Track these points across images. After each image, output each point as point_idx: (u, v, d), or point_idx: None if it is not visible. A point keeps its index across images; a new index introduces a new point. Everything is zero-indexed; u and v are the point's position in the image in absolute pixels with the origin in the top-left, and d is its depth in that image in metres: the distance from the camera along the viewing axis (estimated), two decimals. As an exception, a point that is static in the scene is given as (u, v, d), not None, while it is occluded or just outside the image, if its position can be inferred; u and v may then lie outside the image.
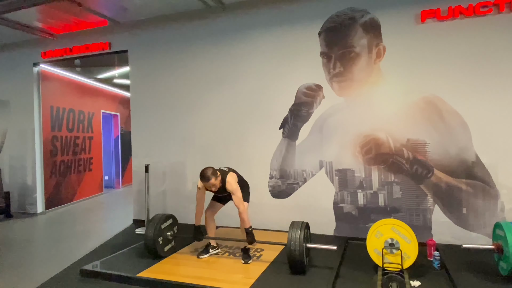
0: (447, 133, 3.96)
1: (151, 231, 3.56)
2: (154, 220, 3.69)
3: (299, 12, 4.57)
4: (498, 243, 3.01)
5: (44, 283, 3.22)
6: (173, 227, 3.88)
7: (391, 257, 3.07)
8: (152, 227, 3.59)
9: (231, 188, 3.44)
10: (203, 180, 3.39)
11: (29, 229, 5.40)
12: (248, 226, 3.45)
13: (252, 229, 3.47)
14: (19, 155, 6.44)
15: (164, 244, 3.73)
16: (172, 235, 3.82)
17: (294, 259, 3.11)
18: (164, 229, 3.72)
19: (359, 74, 4.31)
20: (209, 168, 3.40)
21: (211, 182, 3.36)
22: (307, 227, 3.40)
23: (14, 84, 6.43)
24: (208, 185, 3.40)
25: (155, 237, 3.56)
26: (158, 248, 3.60)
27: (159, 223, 3.66)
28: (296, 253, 3.09)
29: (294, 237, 3.13)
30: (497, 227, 3.09)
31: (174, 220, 3.93)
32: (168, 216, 3.85)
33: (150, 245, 3.56)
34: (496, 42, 3.82)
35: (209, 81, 5.06)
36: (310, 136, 4.54)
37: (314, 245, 3.37)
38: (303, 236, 3.16)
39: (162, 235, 3.68)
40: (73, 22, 5.51)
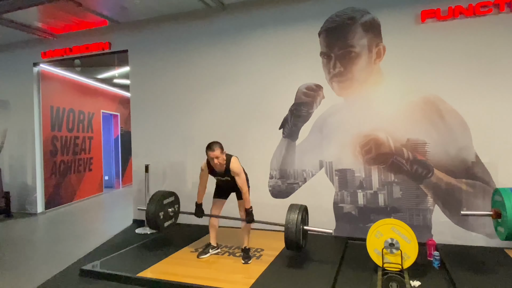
0: (447, 133, 3.96)
1: (152, 206, 3.63)
2: (156, 196, 3.73)
3: (299, 12, 4.57)
4: (496, 209, 3.06)
5: (44, 283, 3.22)
6: (174, 204, 3.94)
7: (391, 257, 3.07)
8: (153, 202, 3.67)
9: (235, 170, 3.43)
10: (208, 149, 3.36)
11: (29, 229, 5.40)
12: (249, 206, 3.52)
13: (252, 210, 3.52)
14: (19, 155, 6.45)
15: (165, 220, 3.77)
16: (173, 212, 3.86)
17: (291, 239, 3.20)
18: (166, 205, 3.79)
19: (359, 74, 4.31)
20: (216, 141, 3.42)
21: (216, 153, 3.33)
22: (305, 210, 3.47)
23: (14, 84, 6.43)
24: (212, 155, 3.34)
25: (156, 212, 3.63)
26: (159, 222, 3.64)
27: (162, 199, 3.71)
28: (293, 233, 3.17)
29: (292, 218, 3.23)
30: (496, 193, 3.13)
31: (176, 198, 4.00)
32: (170, 192, 3.93)
33: (151, 218, 3.63)
34: (496, 42, 3.82)
35: (209, 81, 5.06)
36: (310, 136, 4.54)
37: (311, 227, 3.46)
38: (300, 218, 3.24)
39: (163, 210, 3.74)
40: (73, 22, 5.51)
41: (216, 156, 3.34)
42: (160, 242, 4.20)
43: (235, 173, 3.44)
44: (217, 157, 3.35)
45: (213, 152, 3.34)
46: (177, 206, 4.00)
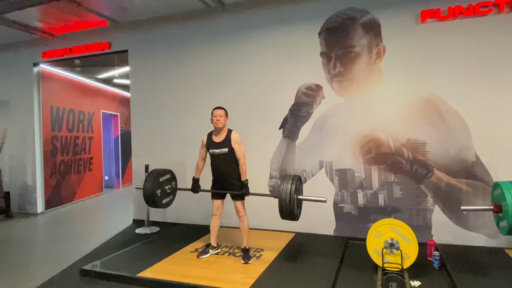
0: (447, 133, 3.96)
1: (149, 183, 3.66)
2: (153, 173, 3.77)
3: (299, 12, 4.57)
4: (497, 203, 2.98)
5: (44, 283, 3.22)
6: (171, 181, 3.98)
7: (391, 257, 3.07)
8: (150, 179, 3.69)
9: (236, 139, 3.57)
10: (215, 108, 3.59)
11: (29, 229, 5.40)
12: (244, 178, 3.58)
13: (247, 183, 3.57)
14: (19, 155, 6.45)
15: (162, 197, 3.80)
16: (171, 189, 3.89)
17: (285, 207, 3.23)
18: (163, 182, 3.81)
19: (359, 74, 4.31)
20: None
21: (221, 112, 3.55)
22: (299, 180, 3.48)
23: (14, 84, 6.44)
24: (217, 112, 3.55)
25: (153, 189, 3.66)
26: (156, 199, 3.68)
27: (158, 176, 3.74)
28: (287, 202, 3.20)
29: (286, 188, 3.25)
30: (495, 187, 3.05)
31: (172, 175, 4.03)
32: (166, 170, 3.97)
33: (148, 196, 3.66)
34: (496, 42, 3.82)
35: (209, 81, 5.06)
36: (310, 136, 4.54)
37: (304, 196, 3.49)
38: (294, 187, 3.26)
39: (160, 187, 3.77)
40: (73, 22, 5.51)
41: (220, 114, 3.54)
42: (160, 242, 4.21)
43: (236, 142, 3.56)
44: (221, 116, 3.54)
45: (218, 110, 3.57)
46: (174, 183, 4.05)
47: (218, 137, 3.62)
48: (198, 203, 4.84)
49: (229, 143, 3.56)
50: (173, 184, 3.99)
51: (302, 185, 3.60)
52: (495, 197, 3.07)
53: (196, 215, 5.01)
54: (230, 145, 3.56)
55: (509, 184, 2.86)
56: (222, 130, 3.61)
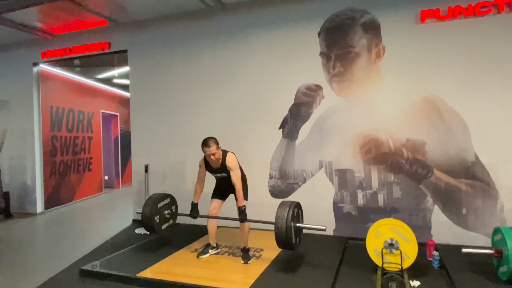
0: (446, 133, 3.97)
1: (147, 210, 3.63)
2: (151, 199, 3.75)
3: (299, 12, 4.57)
4: (498, 248, 2.99)
5: (43, 283, 3.21)
6: (171, 206, 3.94)
7: (390, 257, 3.07)
8: (148, 206, 3.66)
9: (230, 164, 3.43)
10: (204, 146, 3.35)
11: (28, 229, 5.39)
12: (241, 204, 3.44)
13: (245, 208, 3.45)
14: (18, 155, 6.44)
15: (162, 223, 3.78)
16: (170, 214, 3.85)
17: (281, 237, 3.10)
18: (161, 208, 3.78)
19: (358, 74, 4.31)
20: (211, 137, 3.40)
21: (212, 149, 3.33)
22: (297, 207, 3.38)
23: (14, 84, 6.43)
24: (208, 151, 3.34)
25: (151, 216, 3.62)
26: (155, 226, 3.64)
27: (156, 202, 3.72)
28: (283, 230, 3.06)
29: (282, 215, 3.12)
30: (496, 232, 3.09)
31: (172, 199, 3.99)
32: (165, 195, 3.92)
33: (147, 223, 3.63)
34: (496, 42, 3.82)
35: (209, 81, 5.06)
36: (310, 136, 4.54)
37: (302, 224, 3.36)
38: (291, 214, 3.14)
39: (159, 213, 3.73)
40: (73, 22, 5.51)
41: (213, 152, 3.34)
42: (160, 242, 4.20)
43: (230, 168, 3.44)
44: (214, 154, 3.36)
45: (209, 148, 3.34)
46: (174, 207, 3.99)
47: (214, 164, 3.50)
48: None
49: (225, 168, 3.47)
50: (173, 208, 3.94)
51: (302, 212, 3.49)
52: (495, 242, 3.08)
53: (195, 215, 5.00)
54: (227, 170, 3.47)
55: (510, 230, 2.89)
56: None
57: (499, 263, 3.00)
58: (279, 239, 3.14)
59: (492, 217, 3.82)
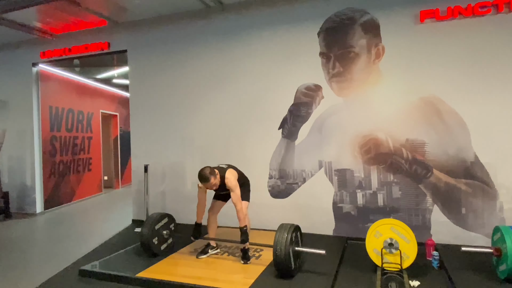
0: (446, 133, 3.97)
1: (145, 232, 3.60)
2: (148, 221, 3.71)
3: (298, 12, 4.57)
4: (497, 247, 3.00)
5: (43, 283, 3.21)
6: (169, 225, 3.91)
7: (390, 257, 3.08)
8: (146, 228, 3.63)
9: (230, 185, 3.44)
10: (202, 181, 3.38)
11: (28, 230, 5.39)
12: (243, 225, 3.42)
13: (246, 229, 3.44)
14: (18, 155, 6.43)
15: (160, 243, 3.75)
16: (168, 234, 3.84)
17: (279, 262, 3.05)
18: (159, 229, 3.75)
19: (358, 74, 4.31)
20: (206, 168, 3.38)
21: (211, 183, 3.36)
22: (297, 230, 3.32)
23: (13, 84, 6.42)
24: (208, 186, 3.40)
25: (149, 238, 3.59)
26: (154, 248, 3.62)
27: (153, 224, 3.69)
28: (282, 257, 3.01)
29: (280, 241, 3.05)
30: (496, 231, 3.09)
31: (170, 219, 3.95)
32: (163, 215, 3.87)
33: (146, 246, 3.60)
34: (495, 42, 3.82)
35: (209, 81, 5.06)
36: (309, 136, 4.54)
37: (301, 248, 3.28)
38: (289, 239, 3.08)
39: (157, 235, 3.70)
40: (72, 22, 5.51)
41: (213, 184, 3.38)
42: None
43: (229, 188, 3.45)
44: (214, 185, 3.39)
45: (208, 183, 3.37)
46: (173, 225, 3.96)
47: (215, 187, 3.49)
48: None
49: (225, 186, 3.48)
50: (171, 227, 3.93)
51: (301, 235, 3.43)
52: (495, 241, 3.09)
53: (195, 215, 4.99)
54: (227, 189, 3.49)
55: (510, 229, 2.90)
56: None
57: (498, 262, 3.00)
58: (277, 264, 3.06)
59: (491, 217, 3.82)
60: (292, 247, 3.15)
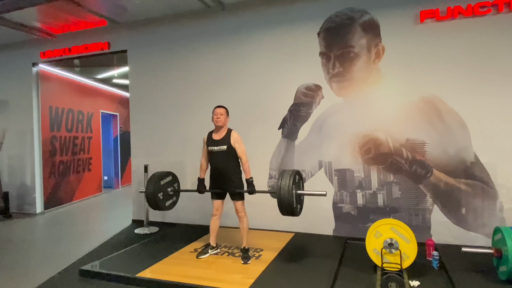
0: (446, 133, 3.97)
1: (150, 187, 3.66)
2: (154, 177, 3.77)
3: (298, 12, 4.57)
4: (497, 248, 2.99)
5: (43, 283, 3.21)
6: (173, 183, 3.98)
7: (390, 257, 3.08)
8: (151, 184, 3.69)
9: (237, 138, 3.59)
10: (216, 107, 3.64)
11: (28, 230, 5.39)
12: (249, 176, 3.57)
13: (252, 180, 3.56)
14: (18, 155, 6.44)
15: (165, 200, 3.82)
16: (173, 191, 3.89)
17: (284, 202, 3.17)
18: (164, 185, 3.81)
19: (358, 74, 4.31)
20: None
21: (221, 110, 3.61)
22: (298, 174, 3.43)
23: (13, 84, 6.42)
24: (218, 110, 3.60)
25: (155, 192, 3.66)
26: (159, 203, 3.70)
27: (159, 180, 3.75)
28: (285, 196, 3.14)
29: (284, 182, 3.19)
30: (496, 231, 3.09)
31: (174, 177, 4.03)
32: (167, 172, 3.95)
33: (151, 200, 3.67)
34: (495, 42, 3.82)
35: (209, 81, 5.06)
36: (309, 136, 4.55)
37: (303, 191, 3.45)
38: (292, 181, 3.21)
39: (162, 190, 3.77)
40: (72, 22, 5.51)
41: (221, 113, 3.59)
42: (160, 242, 4.20)
43: (236, 141, 3.58)
44: (221, 114, 3.59)
45: (219, 108, 3.62)
46: (177, 185, 4.05)
47: (217, 135, 3.63)
48: (197, 203, 4.84)
49: (228, 141, 3.58)
50: (175, 186, 4.00)
51: (302, 180, 3.56)
52: (495, 241, 3.08)
53: (195, 215, 5.01)
54: (230, 143, 3.57)
55: (510, 230, 2.89)
56: (222, 128, 3.63)
57: (499, 262, 3.00)
58: (282, 206, 3.21)
59: (491, 217, 3.82)
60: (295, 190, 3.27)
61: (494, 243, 3.12)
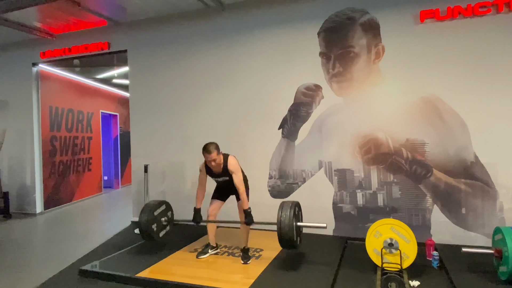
0: (446, 133, 3.97)
1: (144, 218, 3.63)
2: (146, 207, 3.74)
3: (298, 12, 4.57)
4: (498, 248, 2.99)
5: (43, 283, 3.21)
6: (166, 212, 3.94)
7: (390, 257, 3.07)
8: (144, 215, 3.65)
9: (232, 168, 3.44)
10: (205, 152, 3.37)
11: (28, 230, 5.39)
12: (247, 207, 3.45)
13: (250, 211, 3.47)
14: (18, 155, 6.43)
15: (159, 230, 3.78)
16: (167, 220, 3.85)
17: (284, 236, 3.15)
18: (157, 215, 3.78)
19: (358, 74, 4.31)
20: (212, 143, 3.41)
21: (213, 156, 3.35)
22: (298, 206, 3.42)
23: (13, 84, 6.42)
24: (209, 158, 3.36)
25: (148, 224, 3.62)
26: (153, 234, 3.67)
27: (152, 210, 3.72)
28: (286, 230, 3.12)
29: (284, 215, 3.18)
30: (497, 231, 3.08)
31: (167, 206, 3.99)
32: (160, 202, 3.92)
33: (145, 232, 3.64)
34: (495, 42, 3.82)
35: (209, 81, 5.06)
36: (309, 136, 4.55)
37: (304, 223, 3.42)
38: (292, 213, 3.20)
39: (155, 221, 3.73)
40: (72, 22, 5.51)
41: (213, 158, 3.37)
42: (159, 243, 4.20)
43: (232, 171, 3.45)
44: (214, 160, 3.38)
45: (210, 155, 3.36)
46: (170, 213, 4.00)
47: (215, 168, 3.51)
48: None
49: (227, 172, 3.48)
50: (169, 214, 3.96)
51: (301, 212, 3.53)
52: (495, 242, 3.08)
53: (195, 215, 5.00)
54: (229, 174, 3.48)
55: (511, 230, 2.89)
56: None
57: (499, 263, 3.00)
58: (283, 239, 3.19)
59: (491, 217, 3.82)
60: (295, 222, 3.25)
61: (494, 243, 3.12)
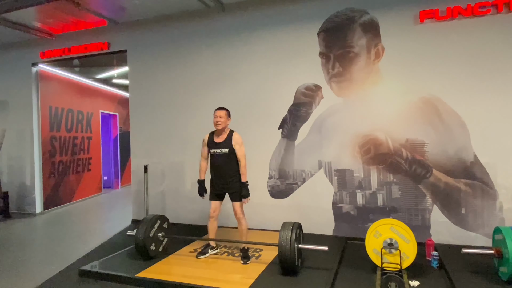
0: (445, 133, 3.97)
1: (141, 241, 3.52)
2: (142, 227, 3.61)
3: (298, 12, 4.57)
4: (498, 248, 2.99)
5: (42, 283, 3.21)
6: (162, 225, 3.86)
7: (390, 257, 3.08)
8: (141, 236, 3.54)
9: (238, 140, 3.56)
10: (217, 109, 3.61)
11: (27, 230, 5.39)
12: (245, 180, 3.57)
13: (248, 184, 3.56)
14: (17, 155, 6.43)
15: (158, 246, 3.73)
16: (163, 235, 3.80)
17: (285, 259, 3.09)
18: (154, 233, 3.70)
19: (358, 74, 4.31)
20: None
21: (221, 113, 3.56)
22: (299, 227, 3.37)
23: (13, 84, 6.42)
24: (218, 113, 3.56)
25: (147, 246, 3.54)
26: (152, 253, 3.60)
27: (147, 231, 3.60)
28: (287, 253, 3.06)
29: (286, 237, 3.12)
30: (496, 232, 3.09)
31: (162, 219, 3.88)
32: (154, 217, 3.78)
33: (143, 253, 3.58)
34: (495, 42, 3.83)
35: (208, 81, 5.06)
36: (309, 136, 4.55)
37: (305, 245, 3.33)
38: (294, 236, 3.14)
39: (153, 240, 3.66)
40: (72, 22, 5.51)
41: (221, 116, 3.55)
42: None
43: (237, 143, 3.56)
44: (221, 117, 3.54)
45: (219, 111, 3.58)
46: (166, 224, 3.91)
47: (219, 138, 3.62)
48: (196, 204, 4.83)
49: (230, 143, 3.56)
50: (164, 226, 3.88)
51: (302, 233, 3.46)
52: (496, 241, 3.08)
53: (194, 215, 5.00)
54: (231, 145, 3.55)
55: (511, 230, 2.89)
56: (223, 130, 3.61)
57: (499, 263, 3.00)
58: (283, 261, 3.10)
59: (491, 217, 3.82)
60: (297, 244, 3.19)
61: (494, 244, 3.12)
